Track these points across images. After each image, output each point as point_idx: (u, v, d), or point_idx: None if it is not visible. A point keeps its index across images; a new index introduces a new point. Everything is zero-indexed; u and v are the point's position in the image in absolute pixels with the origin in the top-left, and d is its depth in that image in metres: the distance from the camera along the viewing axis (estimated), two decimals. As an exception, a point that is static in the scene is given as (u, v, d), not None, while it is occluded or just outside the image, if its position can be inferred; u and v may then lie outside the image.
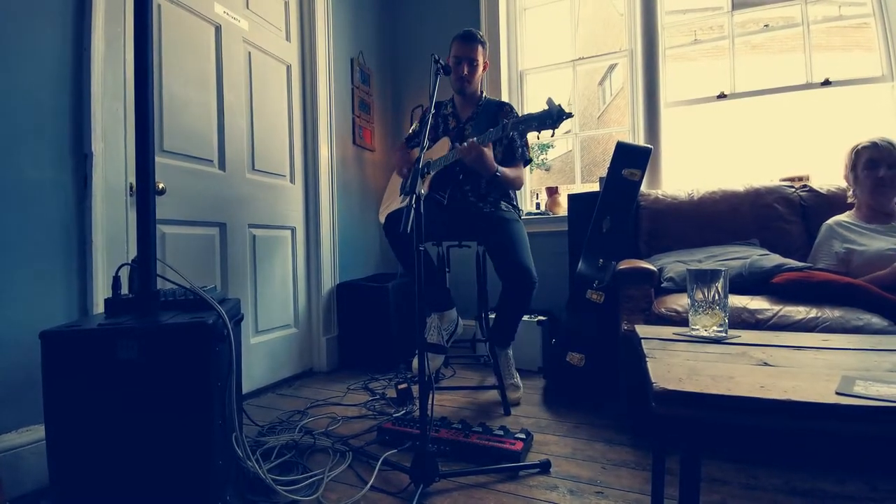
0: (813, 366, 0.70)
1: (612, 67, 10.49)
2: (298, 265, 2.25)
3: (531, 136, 1.88)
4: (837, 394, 0.56)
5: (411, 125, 2.82)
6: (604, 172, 2.05)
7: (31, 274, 1.21)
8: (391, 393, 1.89)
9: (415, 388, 1.82)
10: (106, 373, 0.88)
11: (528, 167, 1.95)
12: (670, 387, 0.59)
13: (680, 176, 2.53)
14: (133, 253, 1.44)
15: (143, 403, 0.90)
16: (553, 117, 1.48)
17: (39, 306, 1.22)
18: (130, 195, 1.48)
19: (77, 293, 1.31)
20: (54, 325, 0.90)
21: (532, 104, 2.95)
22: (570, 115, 1.51)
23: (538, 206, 2.78)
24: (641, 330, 1.01)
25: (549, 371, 1.90)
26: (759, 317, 1.32)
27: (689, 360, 0.75)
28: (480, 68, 1.84)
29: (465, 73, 1.80)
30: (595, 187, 2.31)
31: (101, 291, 1.33)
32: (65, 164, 1.31)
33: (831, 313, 1.28)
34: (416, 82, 3.02)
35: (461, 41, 1.81)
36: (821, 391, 0.57)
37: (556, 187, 2.72)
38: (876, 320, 1.25)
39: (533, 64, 2.93)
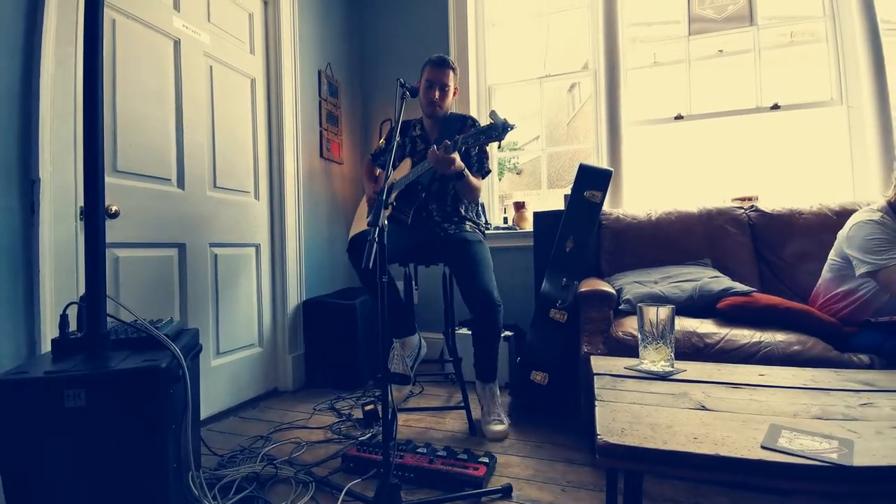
0: (746, 410, 0.74)
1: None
2: (263, 283, 2.21)
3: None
4: (763, 448, 0.60)
5: (380, 138, 2.82)
6: (571, 178, 2.09)
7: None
8: (358, 413, 1.88)
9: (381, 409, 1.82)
10: (55, 421, 0.85)
11: (486, 178, 1.97)
12: (612, 440, 0.62)
13: (640, 193, 2.62)
14: (83, 277, 1.40)
15: (94, 450, 0.87)
16: (498, 130, 1.53)
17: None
18: (80, 219, 1.42)
19: (23, 324, 1.25)
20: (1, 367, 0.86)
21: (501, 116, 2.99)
22: (512, 127, 1.56)
23: (505, 220, 2.82)
24: (596, 363, 1.05)
25: (515, 388, 1.93)
26: (708, 340, 1.39)
27: (634, 402, 0.79)
28: (451, 93, 1.86)
29: (437, 97, 1.82)
30: (563, 193, 2.36)
31: (49, 320, 1.28)
32: (11, 189, 1.25)
33: (773, 338, 1.37)
34: (386, 94, 3.01)
35: (434, 66, 1.82)
36: (748, 444, 0.61)
37: (524, 202, 2.77)
38: (812, 343, 1.34)
39: (501, 78, 2.98)
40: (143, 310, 1.62)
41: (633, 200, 2.58)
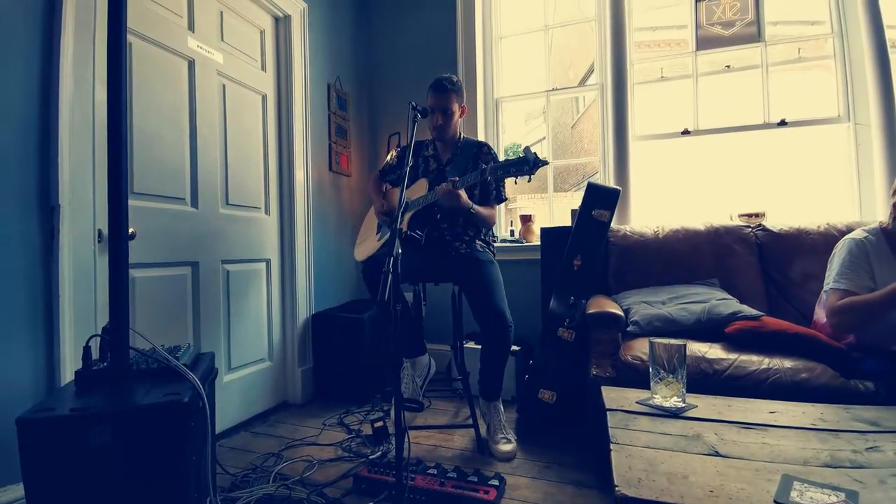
0: (759, 456, 0.76)
1: (586, 76, 10.73)
2: (273, 297, 2.23)
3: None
4: (775, 502, 0.62)
5: (388, 152, 2.84)
6: (576, 181, 2.11)
7: (-6, 335, 1.18)
8: (367, 429, 1.90)
9: (390, 424, 1.84)
10: (80, 457, 0.87)
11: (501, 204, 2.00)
12: (630, 493, 0.64)
13: (647, 207, 2.64)
14: (101, 300, 1.43)
15: (117, 484, 0.89)
16: (529, 164, 1.54)
17: (4, 367, 1.19)
18: (98, 241, 1.44)
19: (43, 349, 1.27)
20: (26, 400, 0.88)
21: (509, 129, 3.01)
22: (545, 163, 1.58)
23: (512, 233, 2.84)
24: (607, 396, 1.07)
25: (523, 406, 1.95)
26: (717, 367, 1.41)
27: (648, 445, 0.81)
28: (456, 115, 1.88)
29: (440, 122, 1.84)
30: (567, 196, 2.38)
31: (68, 345, 1.30)
32: (31, 215, 1.27)
33: (781, 364, 1.38)
34: (394, 105, 3.03)
35: (434, 92, 1.84)
36: (762, 497, 0.63)
37: (531, 215, 2.78)
38: (820, 371, 1.35)
39: (509, 91, 2.99)
40: (157, 328, 1.65)
41: (641, 214, 2.59)
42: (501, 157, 3.00)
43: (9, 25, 1.23)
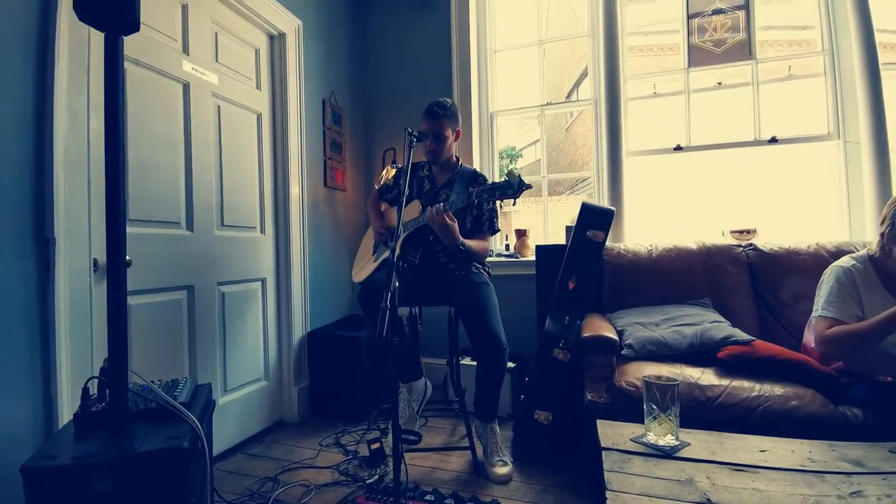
0: (750, 503, 0.78)
1: (579, 80, 10.77)
2: (269, 316, 2.23)
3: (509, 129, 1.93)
4: (766, 562, 0.63)
5: (383, 168, 2.85)
6: (569, 184, 2.13)
7: (-10, 372, 1.17)
8: (363, 450, 1.91)
9: (387, 445, 1.85)
10: (83, 503, 0.88)
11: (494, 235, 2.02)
12: (625, 551, 0.66)
13: (640, 222, 2.66)
14: (97, 330, 1.42)
15: (116, 530, 0.90)
16: (514, 188, 1.57)
17: (2, 404, 1.18)
18: (94, 271, 1.44)
19: (41, 385, 1.27)
20: (25, 437, 0.89)
21: (503, 132, 3.03)
22: (529, 186, 1.60)
23: (507, 247, 2.86)
24: (603, 432, 1.09)
25: (519, 426, 1.97)
26: (709, 394, 1.43)
27: (643, 492, 0.82)
28: (450, 140, 1.89)
29: (433, 147, 1.85)
30: (561, 200, 2.40)
31: (65, 380, 1.30)
32: (26, 250, 1.27)
33: (772, 391, 1.40)
34: (389, 118, 3.04)
35: (427, 118, 1.85)
36: (753, 555, 0.64)
37: (525, 230, 2.80)
38: (809, 398, 1.38)
39: (503, 105, 3.01)
40: (153, 354, 1.65)
41: (634, 229, 2.62)
42: (497, 161, 3.02)
43: (2, 70, 1.22)
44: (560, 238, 2.69)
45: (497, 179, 2.98)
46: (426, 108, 1.86)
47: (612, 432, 1.09)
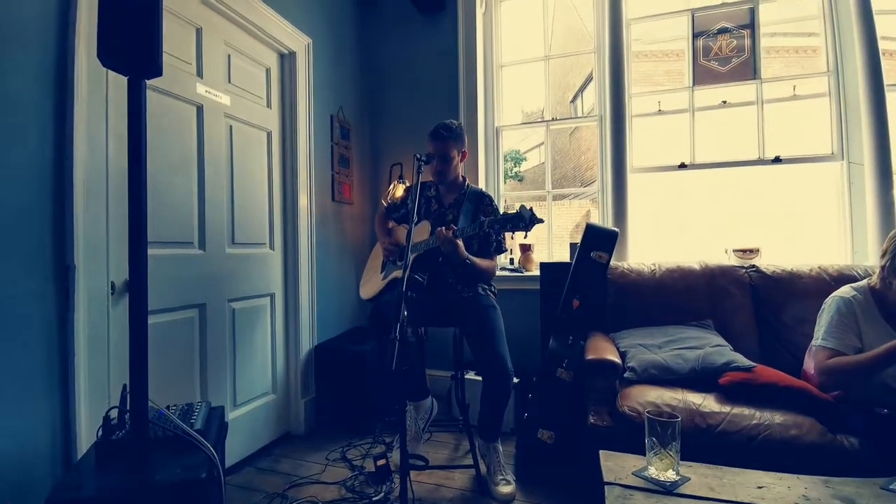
0: (746, 547, 0.81)
1: (584, 86, 10.78)
2: (277, 330, 2.28)
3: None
4: None
5: (390, 182, 2.89)
6: (574, 187, 2.16)
7: (13, 398, 1.21)
8: (369, 466, 1.95)
9: (393, 461, 1.89)
10: (102, 534, 0.92)
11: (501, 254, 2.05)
12: None
13: (645, 239, 2.69)
14: (113, 352, 1.46)
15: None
16: (525, 221, 1.59)
17: (25, 429, 1.22)
18: (112, 293, 1.48)
19: (60, 410, 1.31)
20: (44, 462, 0.92)
21: (507, 135, 3.05)
22: (541, 221, 1.62)
23: (512, 261, 2.89)
24: (605, 463, 1.12)
25: (522, 444, 2.00)
26: (710, 421, 1.46)
27: (643, 531, 0.85)
28: (455, 161, 1.92)
29: (439, 168, 1.89)
30: (564, 205, 2.43)
31: (83, 403, 1.34)
32: (47, 276, 1.31)
33: (772, 419, 1.43)
34: (395, 131, 3.07)
35: (432, 140, 1.88)
36: None
37: (530, 245, 2.83)
38: (808, 427, 1.41)
39: (509, 119, 3.04)
40: (165, 372, 1.68)
41: (638, 244, 2.65)
42: (502, 164, 3.06)
43: (23, 102, 1.26)
44: (564, 246, 2.73)
45: (502, 183, 3.03)
46: (432, 129, 1.89)
47: (614, 464, 1.12)
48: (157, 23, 1.00)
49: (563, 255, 2.66)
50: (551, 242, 2.99)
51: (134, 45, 0.98)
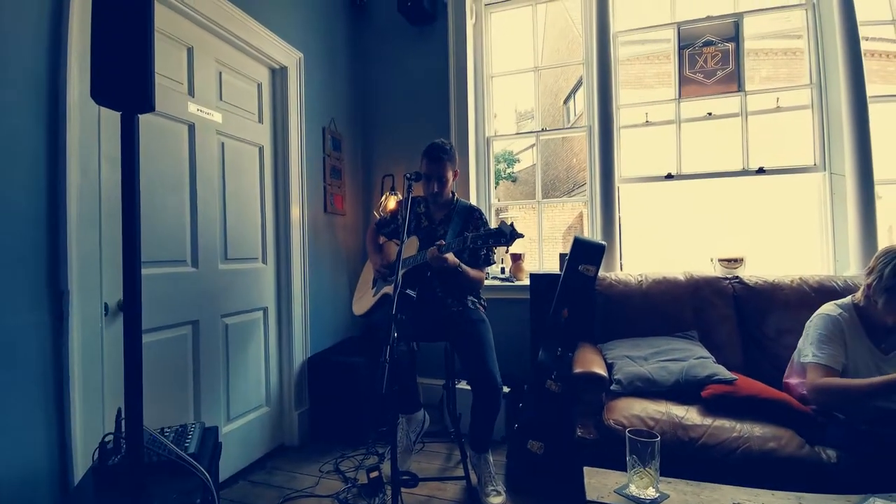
0: (718, 567, 0.85)
1: (575, 88, 10.83)
2: (270, 344, 2.30)
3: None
4: None
5: (381, 193, 2.92)
6: (566, 188, 2.21)
7: (13, 426, 1.23)
8: (362, 478, 1.98)
9: (385, 473, 1.92)
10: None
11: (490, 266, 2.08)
12: None
13: (633, 247, 2.74)
14: (108, 372, 1.48)
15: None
16: (506, 237, 1.64)
17: (23, 455, 1.24)
18: (105, 315, 1.50)
19: (56, 434, 1.32)
20: (42, 486, 0.94)
21: (499, 131, 3.09)
22: (521, 236, 1.66)
23: (503, 270, 2.92)
24: (589, 481, 1.16)
25: (512, 455, 2.04)
26: (692, 434, 1.51)
27: (622, 552, 0.89)
28: (450, 181, 1.96)
29: (436, 189, 1.92)
30: (556, 207, 2.47)
31: (79, 428, 1.36)
32: (41, 302, 1.32)
33: (752, 431, 1.48)
34: (387, 143, 3.10)
35: (429, 161, 1.90)
36: None
37: (521, 254, 2.87)
38: (787, 439, 1.45)
39: (501, 122, 3.14)
40: (159, 389, 1.70)
41: (627, 254, 2.70)
42: (493, 172, 3.10)
43: (15, 132, 1.28)
44: (557, 247, 2.78)
45: (493, 191, 3.07)
46: (427, 150, 1.91)
47: (597, 482, 1.16)
48: (149, 60, 1.03)
49: (555, 258, 2.70)
50: (542, 245, 3.02)
51: (127, 82, 1.01)
